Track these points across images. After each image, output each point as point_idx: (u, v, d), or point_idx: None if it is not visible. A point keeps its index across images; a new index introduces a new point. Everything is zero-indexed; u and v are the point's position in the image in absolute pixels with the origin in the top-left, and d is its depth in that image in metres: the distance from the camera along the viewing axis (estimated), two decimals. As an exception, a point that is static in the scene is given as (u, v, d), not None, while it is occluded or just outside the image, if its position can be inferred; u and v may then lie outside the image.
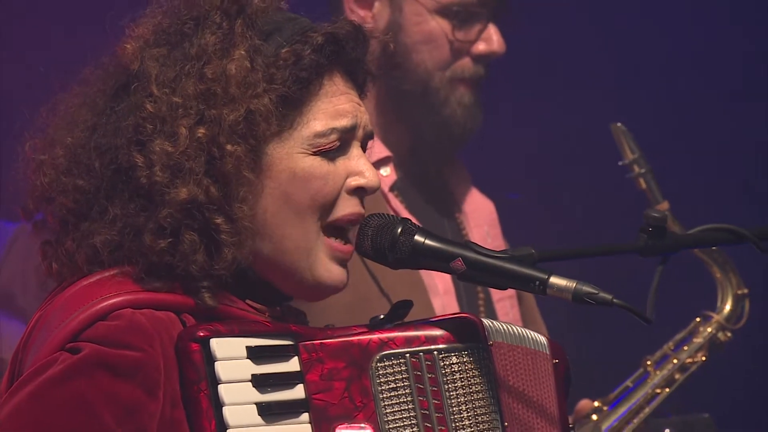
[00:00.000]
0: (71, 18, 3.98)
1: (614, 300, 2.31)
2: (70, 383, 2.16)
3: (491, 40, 3.44)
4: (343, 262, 2.33)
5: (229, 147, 2.26)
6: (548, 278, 2.32)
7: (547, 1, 3.60)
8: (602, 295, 2.31)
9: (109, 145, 2.28)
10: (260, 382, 2.22)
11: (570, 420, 3.42)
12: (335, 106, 2.33)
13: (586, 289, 2.31)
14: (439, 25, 3.42)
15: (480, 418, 2.30)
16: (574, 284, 2.32)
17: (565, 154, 4.41)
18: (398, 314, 2.33)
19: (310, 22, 2.34)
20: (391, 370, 2.28)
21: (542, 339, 2.44)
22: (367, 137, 2.36)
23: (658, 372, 3.60)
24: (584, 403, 3.57)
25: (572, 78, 4.45)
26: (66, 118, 2.33)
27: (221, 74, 2.27)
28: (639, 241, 2.66)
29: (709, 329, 3.63)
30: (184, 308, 2.24)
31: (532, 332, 2.44)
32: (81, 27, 3.66)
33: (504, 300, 3.50)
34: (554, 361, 2.44)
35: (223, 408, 2.20)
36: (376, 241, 2.35)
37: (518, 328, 2.42)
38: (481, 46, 3.44)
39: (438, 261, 2.36)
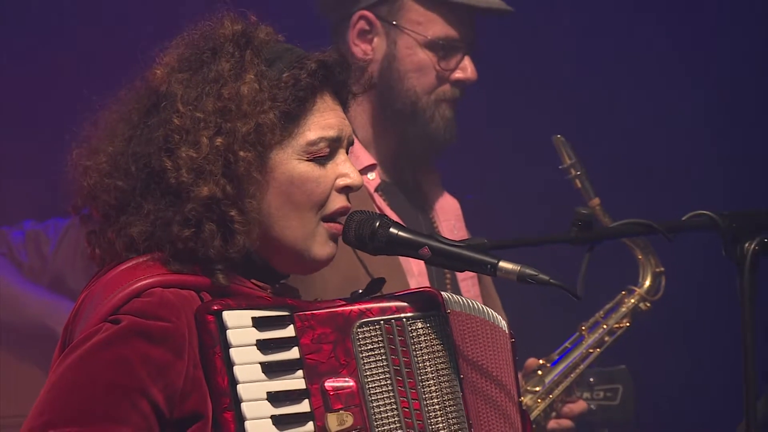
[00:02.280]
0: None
1: (551, 280, 2.34)
2: (113, 347, 2.19)
3: (467, 69, 3.45)
4: (336, 239, 2.36)
5: (241, 153, 2.27)
6: (498, 263, 2.35)
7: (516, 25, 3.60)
8: (541, 276, 2.34)
9: (143, 152, 2.30)
10: (263, 345, 2.24)
11: (520, 377, 3.46)
12: (325, 120, 2.34)
13: (529, 271, 2.34)
14: (427, 56, 3.42)
15: (441, 372, 2.32)
16: (519, 267, 2.34)
17: (515, 161, 4.40)
18: (374, 289, 2.36)
19: (303, 51, 2.36)
20: (369, 335, 2.30)
21: (502, 319, 2.46)
22: (349, 144, 2.39)
23: (591, 335, 3.61)
24: (531, 361, 3.59)
25: (528, 94, 4.43)
26: (107, 130, 2.34)
27: (235, 94, 2.29)
28: (570, 233, 2.69)
29: (633, 300, 3.64)
30: (203, 287, 2.27)
31: (493, 311, 2.45)
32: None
33: (467, 280, 3.52)
34: (512, 340, 2.47)
35: (234, 367, 2.22)
36: (359, 232, 2.37)
37: (478, 304, 2.44)
38: (458, 74, 3.45)
39: (408, 249, 2.38)
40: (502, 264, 2.35)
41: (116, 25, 4.16)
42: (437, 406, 2.31)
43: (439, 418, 2.30)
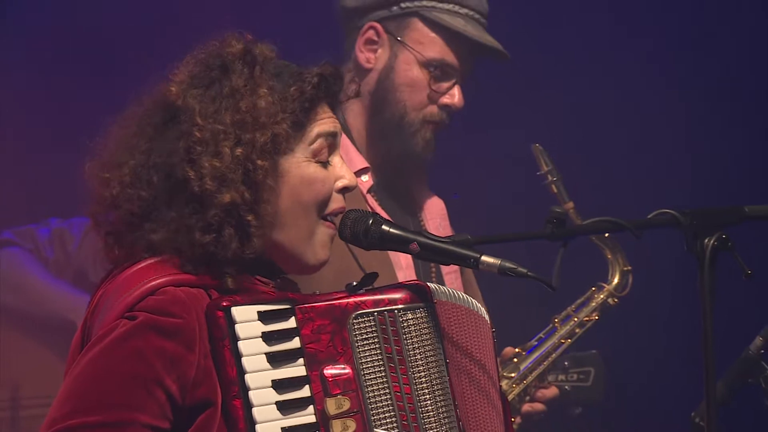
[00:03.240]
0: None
1: (528, 273, 2.36)
2: (130, 341, 2.20)
3: (454, 96, 3.44)
4: (331, 240, 2.38)
5: (259, 162, 2.29)
6: (480, 257, 2.37)
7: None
8: (520, 269, 2.36)
9: (165, 163, 2.30)
10: (268, 337, 2.25)
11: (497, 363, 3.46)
12: (324, 123, 2.37)
13: (508, 264, 2.36)
14: (421, 74, 3.42)
15: (429, 358, 2.34)
16: (499, 261, 2.36)
17: (497, 167, 4.41)
18: (367, 282, 2.37)
19: (297, 66, 2.39)
20: (364, 325, 2.31)
21: (485, 312, 2.47)
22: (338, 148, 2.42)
23: (563, 327, 3.63)
24: (508, 350, 3.60)
25: (513, 108, 4.43)
26: (123, 143, 2.35)
27: (253, 107, 2.30)
28: (546, 230, 2.71)
29: (602, 296, 3.66)
30: (210, 285, 2.28)
31: (475, 301, 2.46)
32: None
33: (450, 273, 3.52)
34: (493, 330, 2.48)
35: (242, 358, 2.24)
36: (354, 229, 2.39)
37: (462, 294, 2.45)
38: (446, 99, 3.43)
39: (399, 244, 2.40)
40: (484, 258, 2.36)
41: (135, 31, 4.16)
42: (426, 390, 2.32)
43: (428, 401, 2.32)
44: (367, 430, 2.27)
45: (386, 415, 2.29)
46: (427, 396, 2.32)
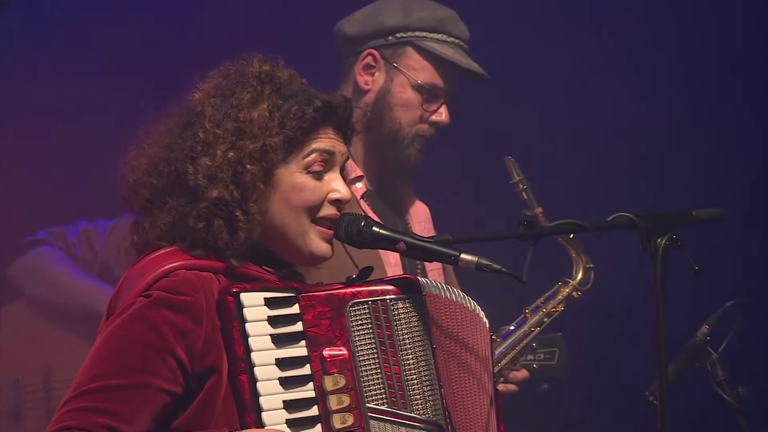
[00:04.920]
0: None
1: (502, 269, 2.38)
2: (146, 315, 2.24)
3: (442, 114, 3.47)
4: (328, 240, 2.40)
5: (248, 166, 2.32)
6: (459, 254, 2.39)
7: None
8: (494, 265, 2.38)
9: (174, 158, 2.35)
10: (273, 321, 2.28)
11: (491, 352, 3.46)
12: (321, 140, 2.39)
13: (484, 261, 2.38)
14: (414, 96, 3.44)
15: (417, 343, 2.36)
16: (476, 258, 2.38)
17: (477, 176, 4.42)
18: (364, 275, 2.40)
19: (317, 92, 2.42)
20: (359, 313, 2.33)
21: (480, 310, 2.47)
22: (343, 165, 2.43)
23: (532, 317, 3.62)
24: (485, 337, 3.64)
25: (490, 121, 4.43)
26: (152, 138, 2.41)
27: (248, 118, 2.34)
28: (517, 231, 2.74)
29: (567, 290, 3.65)
30: (219, 270, 2.32)
31: (472, 300, 2.47)
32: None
33: (433, 271, 3.54)
34: (492, 335, 2.49)
35: (249, 338, 2.26)
36: (348, 230, 2.41)
37: (456, 290, 2.46)
38: (435, 117, 3.46)
39: (388, 243, 2.43)
40: (463, 256, 2.38)
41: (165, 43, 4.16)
42: (413, 371, 2.34)
43: (415, 380, 2.34)
44: (360, 404, 2.29)
45: (377, 391, 2.31)
46: (414, 376, 2.34)
